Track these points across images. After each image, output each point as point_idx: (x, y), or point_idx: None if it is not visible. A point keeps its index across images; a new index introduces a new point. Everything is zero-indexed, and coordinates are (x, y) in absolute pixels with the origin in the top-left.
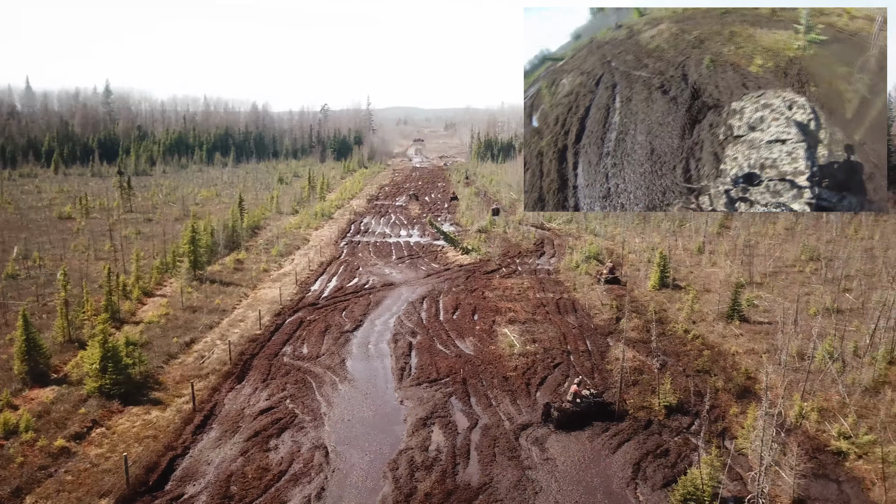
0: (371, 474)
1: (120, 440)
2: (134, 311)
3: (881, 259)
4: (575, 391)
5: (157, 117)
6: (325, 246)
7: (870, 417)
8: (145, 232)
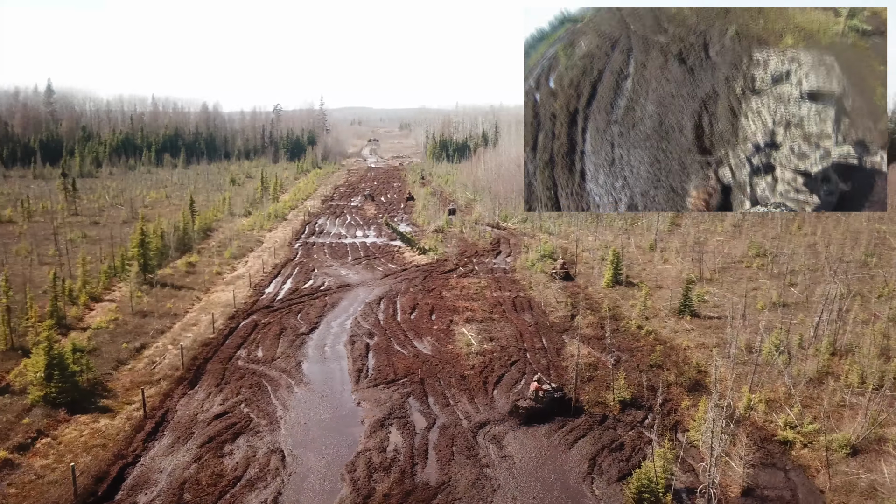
0: (329, 477)
1: (67, 450)
2: (81, 317)
3: (824, 254)
4: (535, 388)
5: (103, 117)
6: (279, 248)
7: (814, 407)
8: (92, 235)
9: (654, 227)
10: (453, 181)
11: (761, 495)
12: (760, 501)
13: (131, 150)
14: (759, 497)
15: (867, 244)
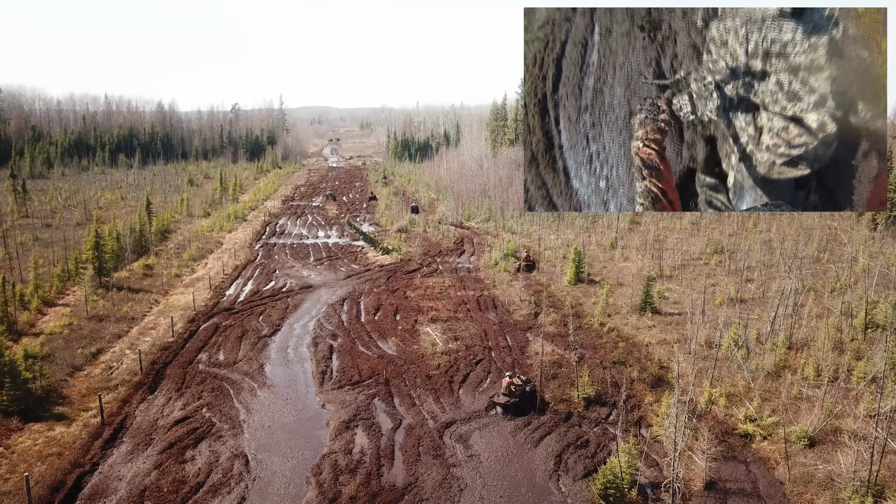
0: (294, 481)
1: (21, 460)
2: (33, 322)
3: (778, 251)
4: (507, 383)
5: (54, 116)
6: (239, 249)
7: (772, 400)
8: (44, 238)
9: (615, 225)
10: (416, 181)
11: (723, 488)
12: (722, 494)
13: (84, 151)
14: (721, 490)
15: (819, 240)
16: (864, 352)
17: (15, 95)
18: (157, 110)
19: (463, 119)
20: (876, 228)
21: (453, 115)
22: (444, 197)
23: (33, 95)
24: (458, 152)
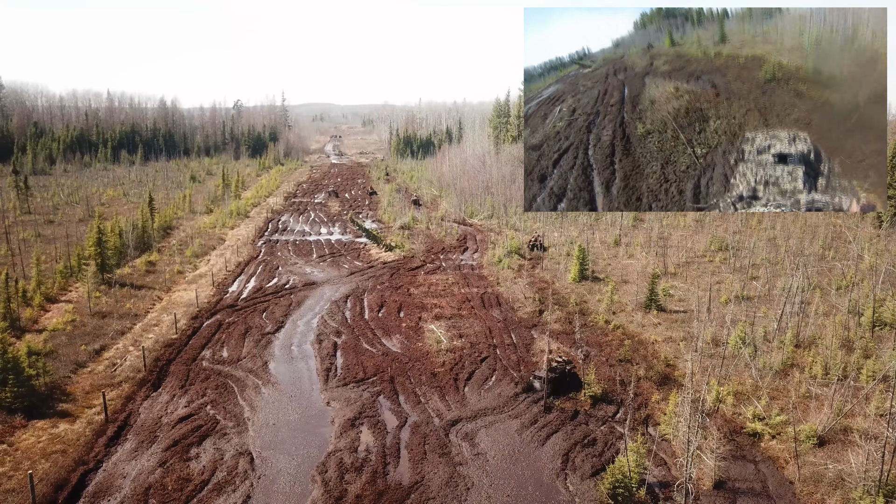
0: (299, 479)
1: (24, 457)
2: (36, 319)
3: (783, 248)
4: (549, 360)
5: (56, 113)
6: (242, 245)
7: (781, 399)
8: (46, 234)
9: (619, 223)
10: (418, 178)
11: (733, 488)
12: (732, 494)
13: (86, 147)
14: (730, 489)
15: (824, 238)
16: (872, 350)
17: (17, 92)
18: (160, 107)
19: (465, 116)
20: (881, 226)
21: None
22: (446, 194)
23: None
24: (460, 149)
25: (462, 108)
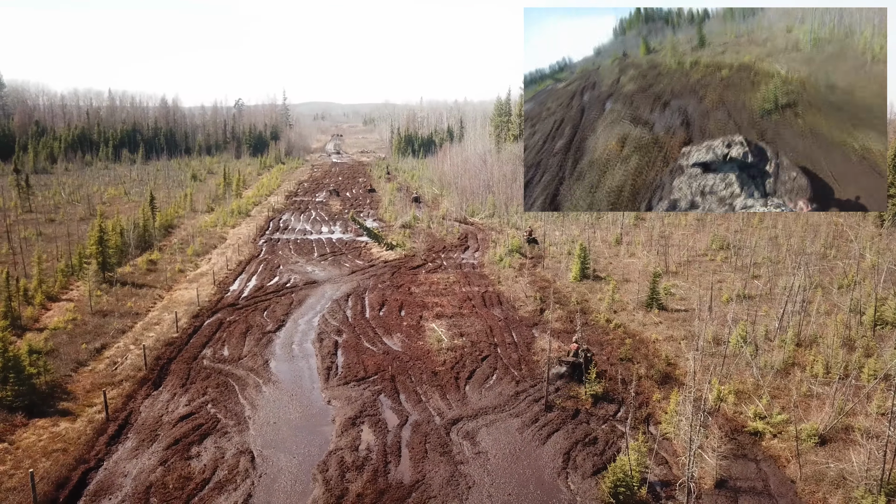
0: (300, 477)
1: (25, 456)
2: (37, 317)
3: (785, 247)
4: (574, 348)
5: (57, 112)
6: (243, 244)
7: (782, 398)
8: (47, 233)
9: (620, 222)
10: (419, 176)
11: (734, 487)
12: (733, 493)
13: (87, 146)
14: (731, 488)
15: (826, 237)
16: (873, 349)
17: (19, 91)
18: (161, 106)
19: (466, 115)
20: (882, 225)
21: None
22: (447, 193)
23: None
24: (461, 148)
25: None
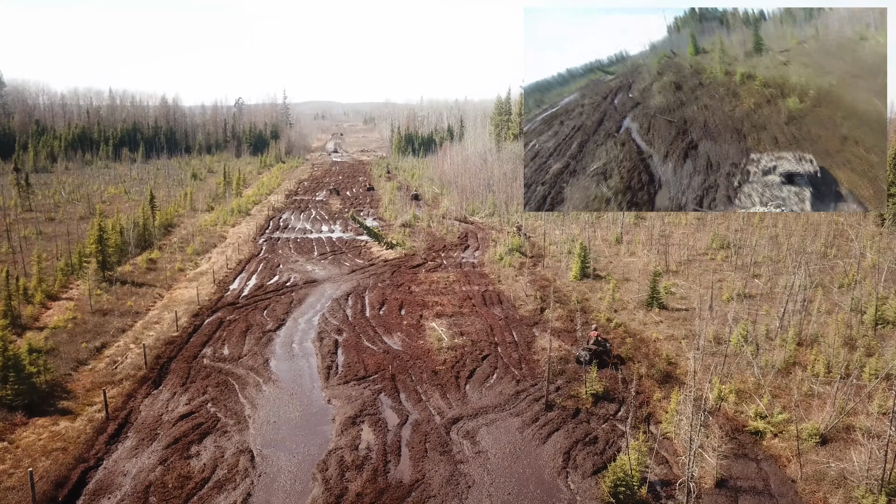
0: (300, 477)
1: (25, 455)
2: (37, 316)
3: (785, 245)
4: (595, 335)
5: (57, 111)
6: (243, 243)
7: (783, 397)
8: (47, 232)
9: (620, 221)
10: (419, 175)
11: (735, 486)
12: (734, 492)
13: (88, 145)
14: (732, 488)
15: (826, 236)
16: (874, 348)
17: (19, 90)
18: (161, 105)
19: (467, 114)
20: (883, 224)
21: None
22: (447, 192)
23: (37, 90)
24: (461, 147)
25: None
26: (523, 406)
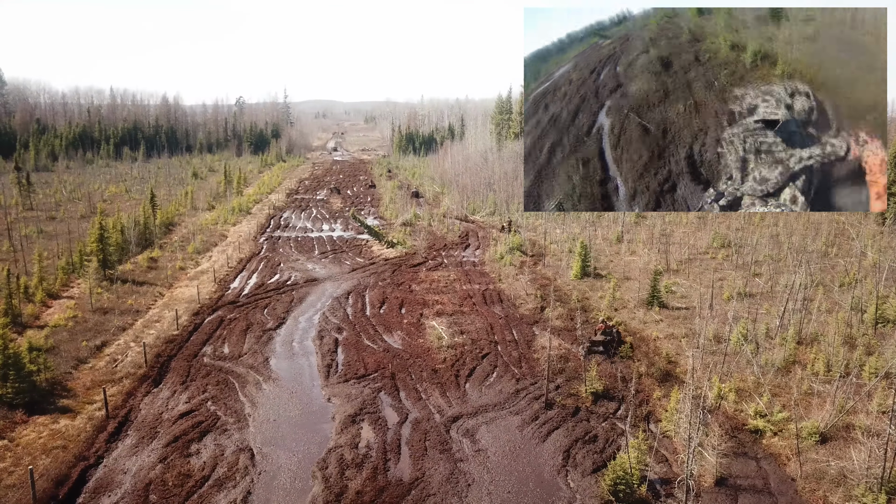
0: (300, 475)
1: (25, 453)
2: (38, 315)
3: (786, 244)
4: (602, 327)
5: (58, 110)
6: (243, 242)
7: (783, 396)
8: (48, 231)
9: (621, 220)
10: (420, 174)
11: (734, 485)
12: (734, 491)
13: (89, 144)
14: (732, 486)
15: (827, 235)
16: (874, 347)
17: (20, 89)
18: (162, 104)
19: (468, 113)
20: (884, 223)
21: (458, 109)
22: (448, 191)
23: (38, 89)
24: (462, 146)
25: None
26: (523, 404)
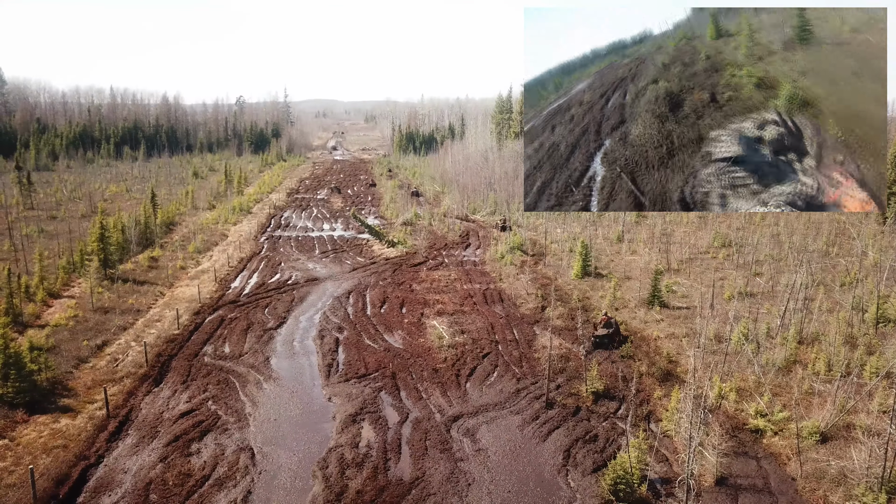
0: (300, 474)
1: (25, 452)
2: (38, 314)
3: (787, 244)
4: (604, 319)
5: (59, 109)
6: (244, 241)
7: (783, 395)
8: (49, 230)
9: (621, 219)
10: (421, 174)
11: (735, 484)
12: (734, 490)
13: (89, 143)
14: (732, 486)
15: (828, 234)
16: (875, 347)
17: (20, 88)
18: (162, 103)
19: (468, 112)
20: (885, 222)
21: (458, 108)
22: (449, 190)
23: (39, 88)
24: (463, 145)
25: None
26: (524, 404)
